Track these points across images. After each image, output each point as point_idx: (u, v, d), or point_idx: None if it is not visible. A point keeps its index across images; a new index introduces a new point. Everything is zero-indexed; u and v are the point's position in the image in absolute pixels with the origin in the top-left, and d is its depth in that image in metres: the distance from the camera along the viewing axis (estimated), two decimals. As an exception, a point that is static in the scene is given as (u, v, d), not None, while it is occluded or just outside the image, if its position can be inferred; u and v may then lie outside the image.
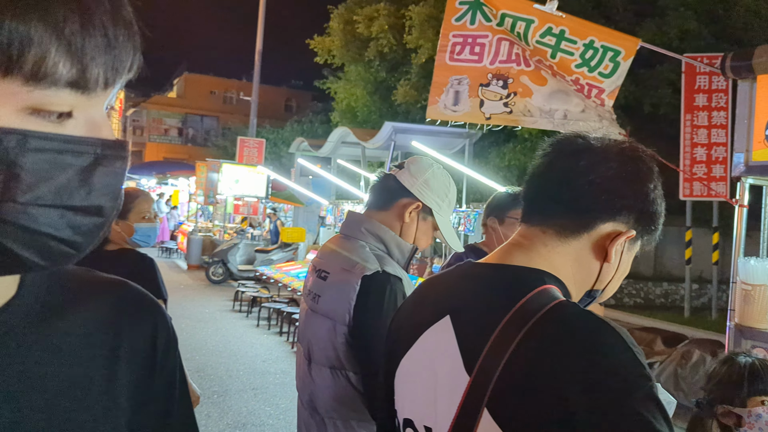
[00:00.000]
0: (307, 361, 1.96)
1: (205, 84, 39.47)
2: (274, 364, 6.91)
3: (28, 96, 0.49)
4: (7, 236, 0.51)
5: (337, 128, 13.33)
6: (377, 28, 15.65)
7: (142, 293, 0.76)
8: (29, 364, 0.62)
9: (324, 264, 1.98)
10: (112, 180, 0.55)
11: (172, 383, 0.76)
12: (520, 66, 3.51)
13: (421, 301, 1.19)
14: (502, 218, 2.68)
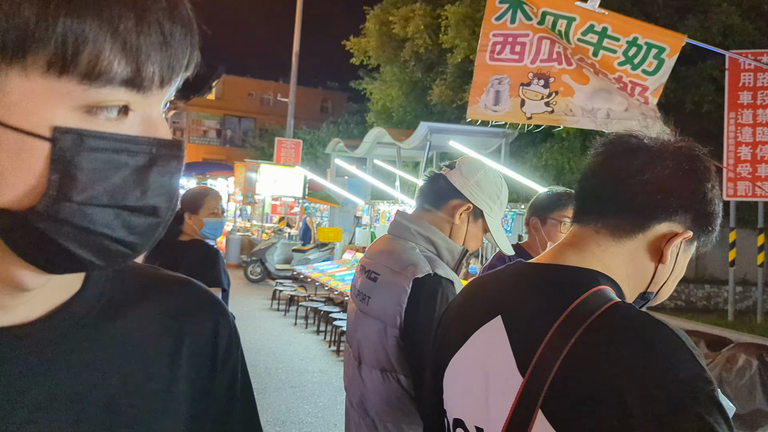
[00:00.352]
0: (357, 362, 1.93)
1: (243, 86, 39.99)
2: (311, 363, 6.97)
3: (83, 95, 0.49)
4: (64, 236, 0.51)
5: (372, 129, 13.37)
6: (413, 28, 15.65)
7: (205, 291, 0.76)
8: (92, 359, 0.62)
9: (373, 265, 1.95)
10: (168, 180, 0.54)
11: (233, 381, 0.76)
12: (561, 65, 3.49)
13: (471, 300, 1.19)
14: (544, 219, 2.65)
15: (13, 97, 0.48)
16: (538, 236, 2.67)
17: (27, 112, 0.48)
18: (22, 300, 0.58)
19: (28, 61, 0.47)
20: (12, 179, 0.49)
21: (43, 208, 0.49)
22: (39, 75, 0.48)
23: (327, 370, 6.70)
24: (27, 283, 0.56)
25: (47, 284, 0.59)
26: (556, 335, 0.92)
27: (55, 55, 0.47)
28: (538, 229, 2.66)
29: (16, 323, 0.58)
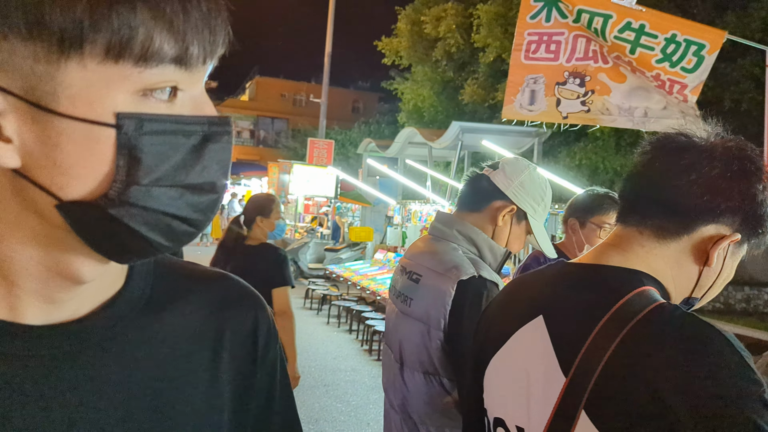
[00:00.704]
0: (398, 364, 1.90)
1: (276, 87, 40.35)
2: (344, 362, 7.00)
3: (138, 78, 0.50)
4: (136, 219, 0.53)
5: (404, 129, 13.38)
6: (445, 27, 15.61)
7: (244, 286, 0.76)
8: (137, 355, 0.63)
9: (415, 266, 1.91)
10: (222, 156, 0.56)
11: (273, 375, 0.76)
12: (597, 63, 3.45)
13: (512, 300, 1.18)
14: (583, 222, 2.58)
15: (75, 89, 0.49)
16: (575, 237, 2.61)
17: (89, 102, 0.50)
18: (73, 295, 0.59)
19: (86, 51, 0.48)
20: (81, 170, 0.51)
21: (114, 194, 0.51)
22: (97, 64, 0.49)
23: (359, 369, 6.73)
24: (84, 275, 0.58)
25: (93, 282, 0.60)
26: (600, 335, 0.91)
27: (112, 42, 0.48)
28: (576, 231, 2.60)
29: (64, 320, 0.60)
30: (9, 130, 0.50)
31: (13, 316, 0.57)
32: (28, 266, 0.56)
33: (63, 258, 0.56)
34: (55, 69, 0.49)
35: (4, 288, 0.57)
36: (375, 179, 14.84)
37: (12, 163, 0.51)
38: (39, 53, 0.48)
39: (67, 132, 0.50)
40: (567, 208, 2.71)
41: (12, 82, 0.49)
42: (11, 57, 0.48)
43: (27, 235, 0.55)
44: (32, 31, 0.47)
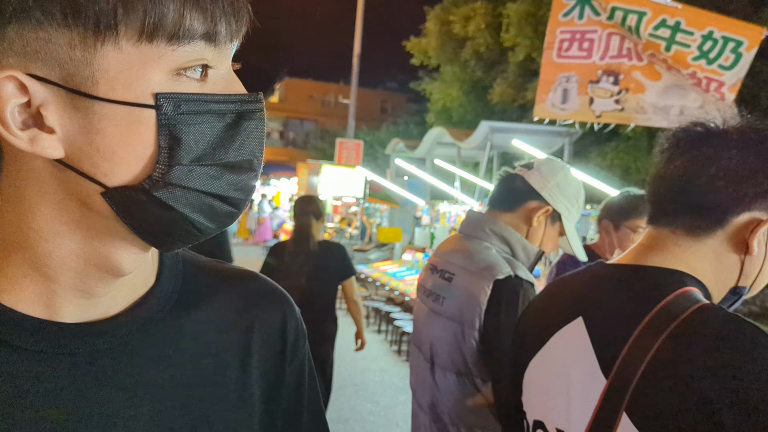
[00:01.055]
0: (429, 364, 1.88)
1: (305, 88, 40.61)
2: (373, 362, 7.01)
3: (172, 56, 0.51)
4: (179, 201, 0.53)
5: (432, 129, 13.34)
6: (473, 27, 15.53)
7: (272, 285, 0.77)
8: (168, 353, 0.64)
9: (446, 264, 1.90)
10: (257, 133, 0.57)
11: (301, 374, 0.77)
12: (632, 61, 3.40)
13: (551, 302, 1.17)
14: (618, 225, 2.54)
15: (112, 73, 0.50)
16: (608, 240, 2.58)
17: (127, 84, 0.50)
18: (109, 289, 0.60)
19: (121, 33, 0.49)
20: (125, 154, 0.51)
21: (158, 175, 0.52)
22: (132, 45, 0.50)
23: (388, 369, 6.73)
24: (124, 266, 0.59)
25: (126, 280, 0.61)
26: (642, 337, 0.90)
27: (145, 22, 0.49)
28: (609, 233, 2.57)
29: (97, 318, 0.60)
30: (51, 120, 0.51)
31: (49, 314, 0.58)
32: (68, 260, 0.57)
33: (103, 249, 0.57)
34: (92, 54, 0.49)
35: (42, 284, 0.57)
36: (403, 179, 14.83)
37: (56, 153, 0.51)
38: (75, 39, 0.49)
39: (109, 116, 0.50)
40: (601, 209, 2.68)
41: (50, 71, 0.50)
42: (47, 45, 0.49)
43: (68, 227, 0.55)
44: (67, 18, 0.48)
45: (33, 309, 0.57)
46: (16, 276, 0.57)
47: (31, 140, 0.51)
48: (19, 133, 0.50)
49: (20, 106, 0.50)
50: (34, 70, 0.50)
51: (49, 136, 0.51)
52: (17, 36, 0.49)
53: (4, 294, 0.57)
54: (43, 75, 0.50)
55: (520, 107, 14.65)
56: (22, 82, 0.49)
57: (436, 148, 13.05)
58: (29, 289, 0.57)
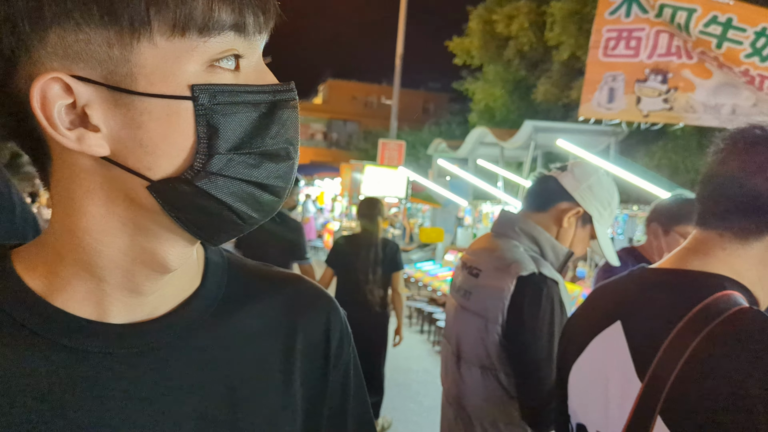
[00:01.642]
0: (455, 358, 1.93)
1: (348, 89, 40.87)
2: (416, 362, 7.01)
3: (204, 48, 0.53)
4: (221, 190, 0.55)
5: (474, 129, 13.26)
6: (517, 26, 15.38)
7: (316, 287, 0.77)
8: (214, 353, 0.65)
9: (475, 261, 1.94)
10: (291, 121, 0.58)
11: (346, 377, 0.76)
12: (681, 59, 3.33)
13: (592, 306, 1.17)
14: (667, 229, 2.50)
15: (148, 68, 0.52)
16: (656, 243, 2.53)
17: (164, 78, 0.52)
18: (156, 287, 0.62)
19: (154, 29, 0.51)
20: (166, 147, 0.53)
21: (199, 165, 0.54)
22: (165, 40, 0.52)
23: (431, 370, 6.73)
24: (170, 262, 0.60)
25: (171, 280, 0.63)
26: (676, 340, 0.89)
27: (177, 17, 0.51)
28: (658, 237, 2.52)
29: (144, 319, 0.62)
30: (96, 119, 0.53)
31: (98, 314, 0.60)
32: (117, 258, 0.58)
33: (150, 245, 0.59)
34: (129, 51, 0.51)
35: (93, 284, 0.59)
36: (445, 180, 14.79)
37: (102, 150, 0.53)
38: (112, 38, 0.51)
39: (149, 110, 0.52)
40: (651, 211, 2.62)
41: (92, 71, 0.52)
42: (88, 46, 0.51)
43: (115, 225, 0.57)
44: (104, 18, 0.50)
45: (83, 310, 0.59)
46: (68, 276, 0.59)
47: (79, 139, 0.53)
48: (67, 133, 0.53)
49: (66, 106, 0.52)
50: (76, 71, 0.52)
51: (94, 134, 0.53)
52: (59, 39, 0.51)
53: (56, 294, 0.59)
54: (86, 75, 0.52)
55: (564, 106, 14.46)
56: (66, 84, 0.52)
57: (479, 148, 12.97)
58: (80, 289, 0.59)
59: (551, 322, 1.71)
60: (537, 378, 1.69)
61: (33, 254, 0.61)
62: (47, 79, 0.51)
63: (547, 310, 1.71)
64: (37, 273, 0.60)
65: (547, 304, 1.72)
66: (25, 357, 0.56)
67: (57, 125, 0.52)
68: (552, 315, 1.71)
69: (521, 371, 1.74)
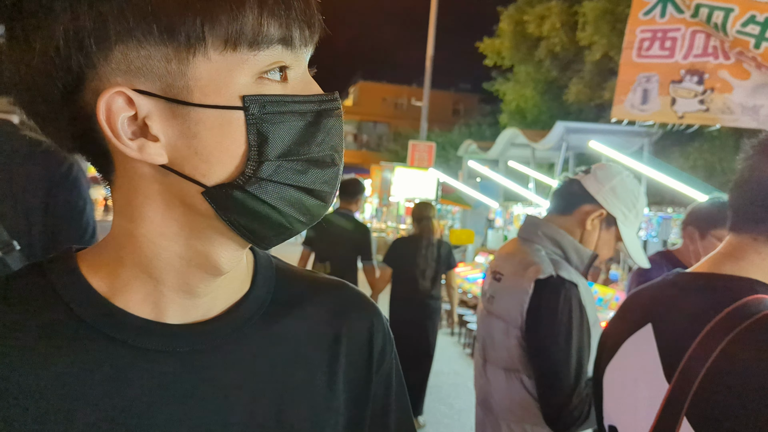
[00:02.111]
0: (482, 360, 1.98)
1: (378, 91, 41.01)
2: (447, 364, 7.01)
3: (254, 60, 0.56)
4: (271, 195, 0.58)
5: (505, 130, 13.17)
6: (548, 26, 15.25)
7: (361, 294, 0.79)
8: (262, 354, 0.67)
9: (499, 266, 1.99)
10: (336, 130, 0.61)
11: (389, 382, 0.78)
12: (717, 59, 3.27)
13: (626, 310, 1.18)
14: (704, 233, 2.47)
15: (203, 81, 0.55)
16: (692, 247, 2.49)
17: (217, 90, 0.56)
18: (210, 289, 0.65)
19: (208, 45, 0.55)
20: (219, 154, 0.57)
21: (250, 171, 0.57)
22: (218, 54, 0.55)
23: (462, 372, 6.72)
24: (223, 265, 0.63)
25: (224, 283, 0.66)
26: (705, 342, 0.90)
27: (228, 33, 0.55)
28: (693, 240, 2.48)
29: (198, 320, 0.65)
30: (155, 129, 0.56)
31: (156, 314, 0.63)
32: (173, 261, 0.62)
33: (204, 248, 0.62)
34: (186, 65, 0.55)
35: (151, 286, 0.63)
36: (475, 181, 14.73)
37: (161, 159, 0.57)
38: (170, 54, 0.55)
39: (203, 120, 0.56)
40: (687, 214, 2.58)
41: (152, 85, 0.55)
42: (148, 62, 0.55)
43: (172, 230, 0.61)
44: (163, 36, 0.54)
45: (142, 310, 0.63)
46: (127, 278, 0.62)
47: (140, 148, 0.57)
48: (129, 143, 0.56)
49: (129, 118, 0.56)
50: (138, 85, 0.55)
51: (154, 144, 0.57)
52: (122, 56, 0.54)
53: (118, 296, 0.62)
54: (146, 88, 0.55)
55: (596, 107, 14.29)
56: (129, 97, 0.55)
57: (510, 149, 12.89)
58: (139, 290, 0.63)
59: (569, 324, 1.71)
60: (556, 379, 1.70)
61: (96, 256, 0.65)
62: (111, 93, 0.55)
63: (565, 313, 1.72)
64: (100, 274, 0.63)
65: (565, 307, 1.72)
66: (90, 352, 0.60)
67: (120, 136, 0.56)
68: (570, 317, 1.72)
69: (540, 373, 1.76)
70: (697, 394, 0.87)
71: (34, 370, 0.58)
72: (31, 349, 0.59)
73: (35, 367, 0.58)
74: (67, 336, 0.60)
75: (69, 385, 0.59)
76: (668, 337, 0.99)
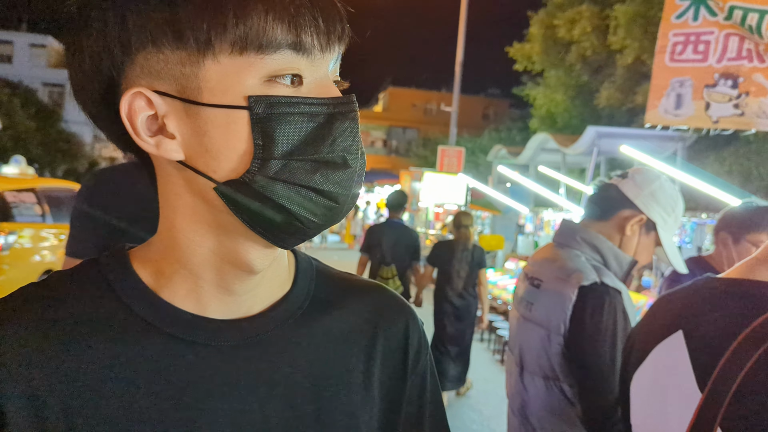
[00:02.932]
0: (519, 368, 1.93)
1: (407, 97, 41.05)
2: (476, 371, 6.97)
3: (261, 64, 0.58)
4: (278, 193, 0.59)
5: (536, 135, 13.07)
6: (579, 30, 15.11)
7: (397, 297, 0.81)
8: (301, 350, 0.70)
9: (537, 272, 1.94)
10: (350, 132, 0.62)
11: (423, 383, 0.80)
12: (752, 63, 3.22)
13: (654, 315, 1.16)
14: (738, 238, 2.36)
15: (212, 82, 0.59)
16: (725, 253, 2.39)
17: (224, 91, 0.59)
18: (248, 288, 0.67)
19: (217, 49, 0.58)
20: (227, 152, 0.59)
21: (255, 168, 0.59)
22: (226, 57, 0.58)
23: (492, 379, 6.68)
24: (254, 263, 0.65)
25: (263, 282, 0.69)
26: (739, 351, 0.88)
27: (235, 38, 0.58)
28: (727, 246, 2.39)
29: (240, 316, 0.68)
30: (172, 128, 0.61)
31: (199, 309, 0.66)
32: (208, 257, 0.65)
33: (233, 245, 0.64)
34: (197, 68, 0.59)
35: (192, 281, 0.66)
36: (505, 186, 14.63)
37: (177, 155, 0.61)
38: (184, 58, 0.59)
39: (212, 119, 0.59)
40: (719, 219, 2.49)
41: (169, 87, 0.60)
42: (166, 65, 0.59)
43: (202, 225, 0.64)
44: (176, 41, 0.58)
45: (186, 304, 0.66)
46: (170, 273, 0.66)
47: (157, 145, 0.61)
48: (148, 139, 0.61)
49: (149, 117, 0.61)
50: (157, 86, 0.60)
51: (171, 140, 0.61)
52: (144, 61, 0.60)
53: (164, 290, 0.66)
54: (164, 90, 0.60)
55: (628, 111, 14.10)
56: (149, 98, 0.60)
57: (540, 154, 12.78)
58: (182, 286, 0.66)
59: (614, 332, 1.68)
60: (600, 389, 1.67)
61: (145, 252, 0.69)
62: (132, 93, 0.60)
63: (610, 320, 1.69)
64: (148, 270, 0.67)
65: (610, 314, 1.69)
66: (142, 343, 0.64)
67: (140, 132, 0.61)
68: (615, 325, 1.69)
69: (584, 382, 1.72)
70: (731, 404, 0.85)
71: (91, 360, 0.62)
72: (87, 337, 0.62)
73: (92, 357, 0.62)
74: (120, 327, 0.64)
75: (123, 374, 0.62)
76: (701, 346, 0.97)
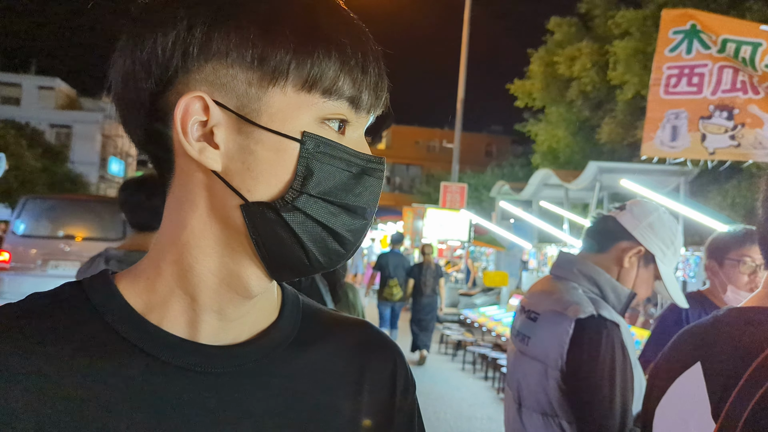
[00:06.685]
0: (516, 404, 1.88)
1: (410, 134, 41.51)
2: (479, 410, 6.85)
3: (322, 106, 0.62)
4: (300, 226, 0.62)
5: (538, 170, 13.11)
6: (579, 67, 15.31)
7: (383, 335, 0.81)
8: (286, 384, 0.69)
9: (533, 304, 1.90)
10: (374, 189, 0.66)
11: (411, 422, 0.79)
12: (747, 94, 3.22)
13: (675, 349, 1.16)
14: (721, 260, 2.38)
15: (273, 110, 0.62)
16: (717, 280, 2.41)
17: (284, 120, 0.62)
18: (240, 313, 0.68)
19: (289, 81, 0.61)
20: (268, 175, 0.62)
21: (290, 198, 0.62)
22: (294, 92, 0.62)
23: (495, 417, 6.55)
24: (252, 287, 0.66)
25: (252, 310, 0.68)
26: (751, 379, 0.87)
27: (309, 77, 0.61)
28: (716, 273, 2.40)
29: (228, 343, 0.67)
30: (219, 138, 0.62)
31: (189, 333, 0.66)
32: (206, 277, 0.65)
33: (235, 268, 0.65)
34: (263, 92, 0.62)
35: (185, 303, 0.66)
36: (509, 222, 14.63)
37: (216, 165, 0.62)
38: (253, 80, 0.62)
39: (263, 141, 0.62)
40: (704, 251, 2.50)
41: (229, 101, 0.62)
42: (233, 81, 0.62)
43: (209, 243, 0.65)
44: (254, 63, 0.61)
45: (174, 327, 0.66)
46: (164, 293, 0.66)
47: (200, 151, 0.62)
48: (193, 143, 0.62)
49: (199, 122, 0.62)
50: (217, 97, 0.62)
51: (214, 150, 0.62)
52: (213, 70, 0.61)
53: (153, 312, 0.66)
54: (223, 102, 0.62)
55: (629, 146, 14.17)
56: (206, 104, 0.62)
57: (543, 189, 12.80)
58: (174, 307, 0.66)
59: (612, 366, 1.64)
60: (599, 425, 1.62)
61: (135, 273, 0.69)
62: (193, 96, 0.62)
63: (608, 354, 1.64)
64: (136, 291, 0.67)
65: (608, 348, 1.65)
66: (126, 365, 0.63)
67: (188, 134, 0.62)
68: (613, 359, 1.64)
69: (583, 418, 1.67)
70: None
71: (71, 379, 0.61)
72: (69, 359, 0.62)
73: (73, 377, 0.61)
74: (103, 348, 0.63)
75: (104, 396, 0.61)
76: (716, 375, 0.96)
